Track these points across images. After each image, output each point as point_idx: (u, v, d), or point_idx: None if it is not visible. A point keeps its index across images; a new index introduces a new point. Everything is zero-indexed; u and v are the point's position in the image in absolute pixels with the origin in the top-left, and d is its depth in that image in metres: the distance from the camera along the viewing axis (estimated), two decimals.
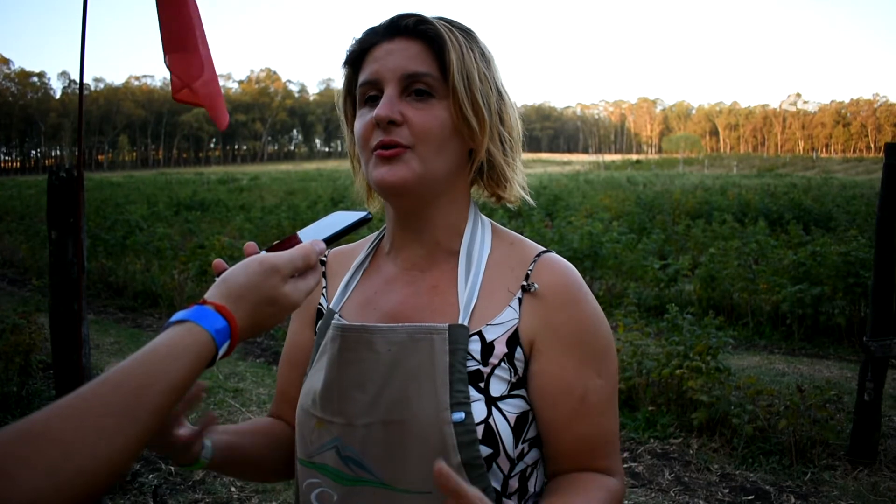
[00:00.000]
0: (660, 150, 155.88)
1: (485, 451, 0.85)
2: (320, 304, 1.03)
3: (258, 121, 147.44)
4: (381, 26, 0.94)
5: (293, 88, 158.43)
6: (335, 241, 0.84)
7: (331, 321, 0.96)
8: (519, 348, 0.90)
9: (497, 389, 0.88)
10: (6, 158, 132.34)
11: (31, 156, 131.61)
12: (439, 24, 0.91)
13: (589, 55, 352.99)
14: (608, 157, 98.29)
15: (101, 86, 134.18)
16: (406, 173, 0.88)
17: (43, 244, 9.32)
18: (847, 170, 48.39)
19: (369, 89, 0.92)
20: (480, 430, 0.85)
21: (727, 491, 3.42)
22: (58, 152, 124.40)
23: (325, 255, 1.07)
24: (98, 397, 0.61)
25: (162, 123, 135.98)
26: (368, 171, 0.92)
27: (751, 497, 3.36)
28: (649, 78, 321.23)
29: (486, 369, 0.88)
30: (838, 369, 5.28)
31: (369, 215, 0.88)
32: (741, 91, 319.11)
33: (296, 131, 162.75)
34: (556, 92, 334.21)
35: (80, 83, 2.95)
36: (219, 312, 0.71)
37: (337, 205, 17.10)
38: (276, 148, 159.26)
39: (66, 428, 0.58)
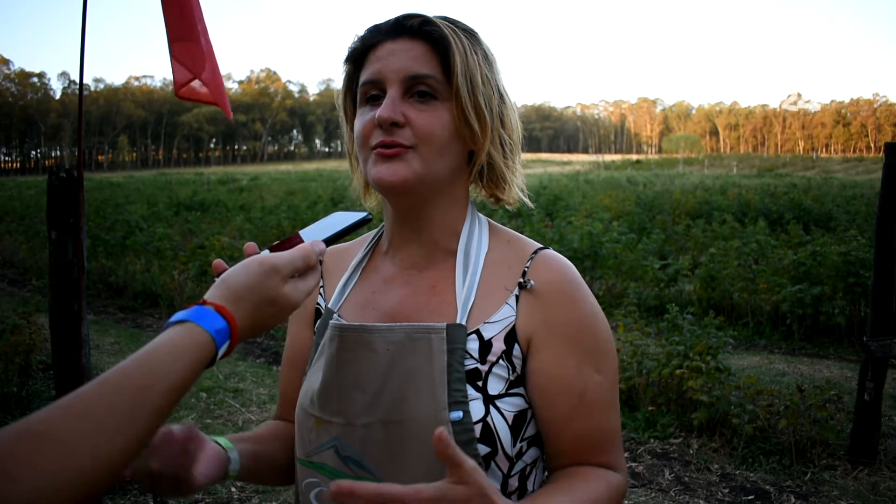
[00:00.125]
0: (660, 150, 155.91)
1: (483, 449, 0.85)
2: (318, 303, 1.04)
3: (258, 121, 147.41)
4: (386, 25, 0.93)
5: (293, 88, 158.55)
6: (335, 241, 0.85)
7: (329, 321, 0.96)
8: (517, 345, 0.90)
9: (495, 388, 0.88)
10: (6, 159, 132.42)
11: (31, 156, 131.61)
12: (444, 25, 0.91)
13: (589, 55, 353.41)
14: (608, 157, 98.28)
15: (101, 86, 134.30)
16: (406, 172, 0.88)
17: (43, 244, 9.32)
18: (847, 170, 48.39)
19: (371, 88, 0.92)
20: (478, 428, 0.85)
21: (727, 491, 3.43)
22: (58, 153, 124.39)
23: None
24: (98, 397, 0.62)
25: (162, 124, 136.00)
26: (367, 168, 0.91)
27: (751, 497, 3.36)
28: (649, 78, 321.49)
29: (483, 367, 0.88)
30: (838, 369, 5.28)
31: (369, 216, 0.88)
32: (741, 91, 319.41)
33: (296, 131, 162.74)
34: (556, 92, 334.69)
35: (80, 83, 2.95)
36: (219, 313, 0.72)
37: (337, 205, 17.09)
38: (276, 148, 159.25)
39: (67, 428, 0.58)
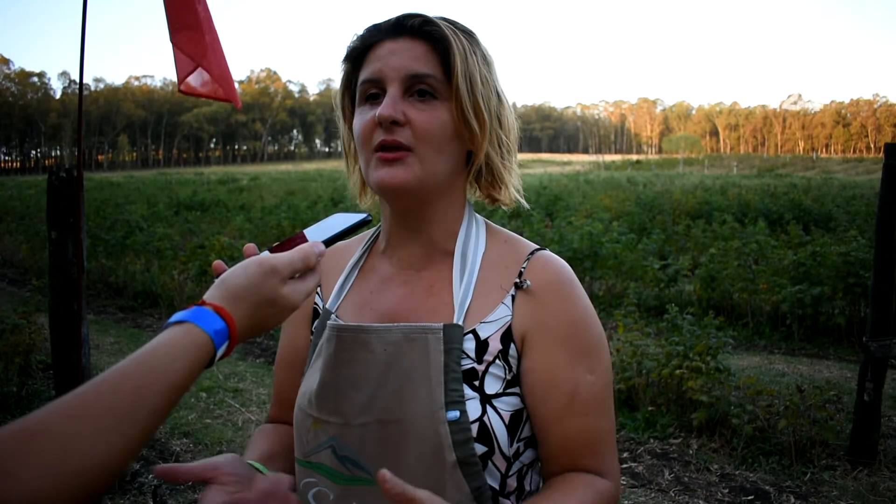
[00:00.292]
0: (660, 151, 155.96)
1: (480, 449, 0.85)
2: (316, 303, 1.04)
3: (258, 121, 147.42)
4: (386, 24, 0.93)
5: (293, 88, 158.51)
6: (335, 242, 0.85)
7: (327, 321, 0.96)
8: (512, 345, 0.91)
9: (492, 387, 0.89)
10: (6, 158, 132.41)
11: (31, 156, 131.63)
12: (444, 25, 0.91)
13: (589, 55, 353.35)
14: (608, 158, 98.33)
15: (101, 86, 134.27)
16: (407, 176, 0.89)
17: (43, 244, 9.32)
18: (847, 170, 48.38)
19: (371, 87, 0.92)
20: (475, 428, 0.85)
21: (727, 491, 3.42)
22: (58, 152, 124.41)
23: None
24: (97, 397, 0.62)
25: (162, 124, 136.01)
26: (368, 171, 0.92)
27: (750, 497, 3.36)
28: (649, 78, 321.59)
29: (480, 367, 0.89)
30: (838, 369, 5.28)
31: (369, 217, 0.89)
32: (741, 91, 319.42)
33: (296, 131, 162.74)
34: (556, 92, 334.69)
35: (80, 83, 2.95)
36: (217, 313, 0.72)
37: (337, 205, 17.12)
38: (276, 148, 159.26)
39: (65, 428, 0.58)
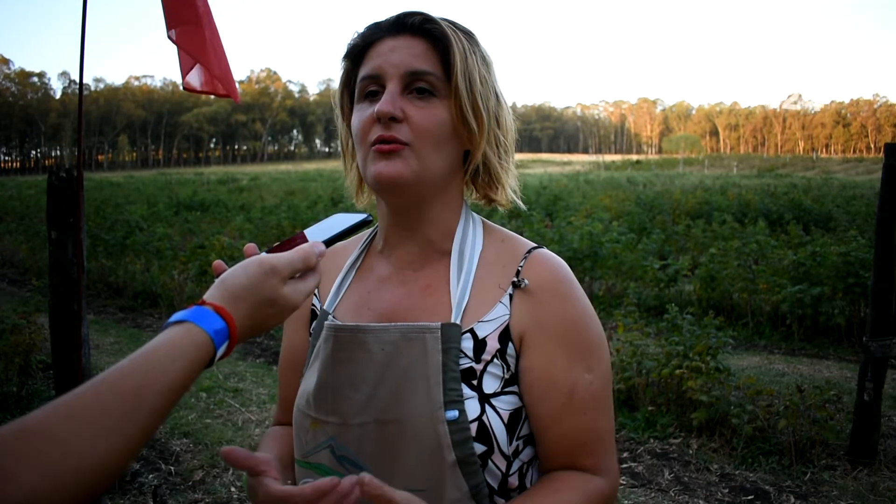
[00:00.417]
0: (660, 151, 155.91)
1: (479, 448, 0.85)
2: (313, 304, 1.04)
3: (258, 121, 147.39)
4: (387, 22, 0.94)
5: (293, 88, 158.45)
6: (335, 242, 0.85)
7: (324, 322, 0.96)
8: (510, 344, 0.91)
9: (490, 386, 0.89)
10: (6, 158, 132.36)
11: (31, 156, 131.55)
12: (444, 24, 0.92)
13: (589, 55, 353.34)
14: (608, 158, 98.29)
15: (101, 86, 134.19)
16: (403, 169, 0.89)
17: (43, 244, 9.32)
18: (847, 170, 48.35)
19: (370, 84, 0.92)
20: (474, 427, 0.85)
21: (727, 491, 3.42)
22: (58, 152, 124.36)
23: None
24: (97, 397, 0.61)
25: (162, 124, 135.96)
26: (365, 165, 0.92)
27: (750, 497, 3.36)
28: (649, 78, 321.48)
29: (478, 366, 0.89)
30: (838, 369, 5.28)
31: (369, 217, 0.89)
32: (741, 91, 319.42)
33: (296, 131, 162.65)
34: (556, 92, 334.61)
35: (80, 83, 2.94)
36: (217, 313, 0.72)
37: (337, 205, 17.12)
38: (276, 148, 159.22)
39: (65, 427, 0.58)
